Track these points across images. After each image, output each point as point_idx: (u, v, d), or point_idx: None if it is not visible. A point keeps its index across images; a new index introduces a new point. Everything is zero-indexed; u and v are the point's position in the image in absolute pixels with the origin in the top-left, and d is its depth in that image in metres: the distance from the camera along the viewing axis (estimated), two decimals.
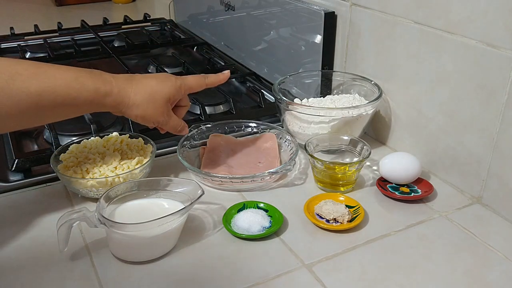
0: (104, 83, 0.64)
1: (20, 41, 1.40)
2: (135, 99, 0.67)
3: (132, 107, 0.67)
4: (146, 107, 0.68)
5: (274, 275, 0.60)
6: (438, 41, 0.73)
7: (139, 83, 0.67)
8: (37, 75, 0.59)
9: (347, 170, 0.74)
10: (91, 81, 0.63)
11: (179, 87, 0.71)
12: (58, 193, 0.76)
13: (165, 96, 0.69)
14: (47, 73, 0.60)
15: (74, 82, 0.61)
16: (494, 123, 0.68)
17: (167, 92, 0.69)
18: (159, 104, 0.69)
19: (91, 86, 0.63)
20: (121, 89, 0.65)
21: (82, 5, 1.96)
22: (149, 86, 0.68)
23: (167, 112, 0.70)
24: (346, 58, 0.93)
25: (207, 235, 0.67)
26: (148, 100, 0.67)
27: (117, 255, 0.62)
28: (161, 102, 0.69)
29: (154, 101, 0.68)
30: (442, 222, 0.69)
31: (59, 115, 0.64)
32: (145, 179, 0.70)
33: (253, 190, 0.76)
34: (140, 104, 0.67)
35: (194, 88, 0.73)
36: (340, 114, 0.80)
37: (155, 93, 0.68)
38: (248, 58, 1.21)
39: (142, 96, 0.67)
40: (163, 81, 0.69)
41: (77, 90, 0.61)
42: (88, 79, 0.63)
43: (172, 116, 0.72)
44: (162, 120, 0.71)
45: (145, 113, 0.68)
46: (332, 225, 0.67)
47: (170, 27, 1.55)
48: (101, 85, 0.64)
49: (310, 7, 0.94)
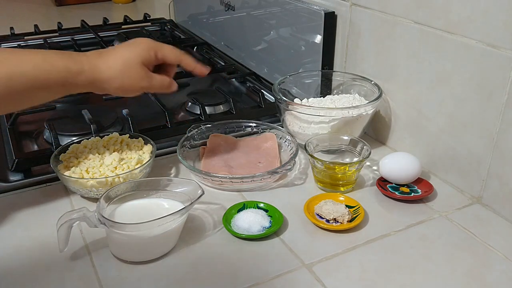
0: (74, 62, 0.63)
1: (20, 41, 1.40)
2: (109, 73, 0.65)
3: (108, 81, 0.65)
4: (122, 78, 0.66)
5: (274, 275, 0.60)
6: (438, 41, 0.73)
7: (110, 55, 0.66)
8: (6, 60, 0.59)
9: (347, 170, 0.74)
10: (61, 61, 0.62)
11: (151, 48, 0.68)
12: (58, 193, 0.76)
13: (138, 60, 0.67)
14: (15, 57, 0.60)
15: (43, 63, 0.61)
16: (494, 123, 0.68)
17: (138, 56, 0.67)
18: (135, 70, 0.66)
19: (61, 66, 0.62)
20: (92, 66, 0.64)
21: (82, 5, 1.96)
22: (120, 56, 0.66)
23: (145, 76, 0.68)
24: (346, 58, 0.93)
25: (207, 235, 0.67)
26: (122, 70, 0.66)
27: (117, 255, 0.62)
28: (136, 68, 0.66)
29: (129, 69, 0.66)
30: (442, 222, 0.69)
31: (34, 99, 0.63)
32: (145, 179, 0.70)
33: (253, 190, 0.76)
34: (115, 76, 0.65)
35: (168, 55, 0.70)
36: (340, 114, 0.80)
37: (128, 61, 0.66)
38: (248, 58, 1.21)
39: (115, 67, 0.65)
40: (134, 47, 0.68)
41: (47, 71, 0.61)
42: (57, 60, 0.62)
43: (153, 77, 0.69)
44: (144, 85, 0.69)
45: (123, 84, 0.67)
46: (332, 225, 0.67)
47: (170, 27, 1.55)
48: (72, 64, 0.62)
49: (310, 7, 0.94)
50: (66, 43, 1.39)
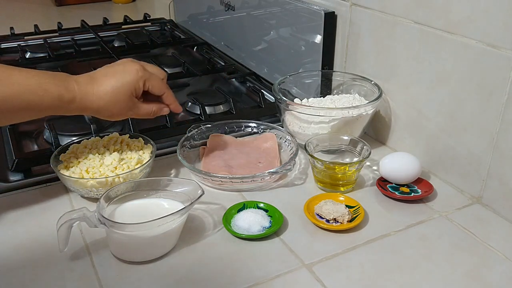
0: (67, 90, 0.65)
1: (20, 41, 1.40)
2: (99, 103, 0.68)
3: (98, 110, 0.68)
4: (111, 108, 0.69)
5: (274, 275, 0.60)
6: (438, 41, 0.73)
7: (100, 85, 0.68)
8: (1, 81, 0.61)
9: (347, 170, 0.74)
10: (54, 88, 0.64)
11: (140, 78, 0.70)
12: (58, 193, 0.76)
13: (127, 92, 0.69)
14: (10, 79, 0.62)
15: (38, 88, 0.63)
16: (494, 123, 0.68)
17: (127, 87, 0.69)
18: (123, 101, 0.69)
19: (55, 93, 0.64)
20: (83, 94, 0.66)
21: (82, 5, 1.96)
22: (110, 86, 0.68)
23: (134, 106, 0.71)
24: (346, 58, 0.93)
25: (207, 235, 0.67)
26: (111, 101, 0.68)
27: (117, 255, 0.62)
28: (124, 99, 0.69)
29: (117, 100, 0.68)
30: (442, 222, 0.69)
31: (24, 117, 0.66)
32: (145, 179, 0.70)
33: (253, 190, 0.76)
34: (105, 106, 0.68)
35: (154, 87, 0.72)
36: (340, 114, 0.80)
37: (117, 92, 0.68)
38: (248, 58, 1.21)
39: (105, 98, 0.68)
40: (123, 75, 0.69)
41: (41, 96, 0.63)
42: (51, 85, 0.64)
43: (140, 106, 0.72)
44: (131, 113, 0.72)
45: (111, 113, 0.70)
46: (332, 225, 0.67)
47: (170, 27, 1.55)
48: (64, 92, 0.65)
49: (310, 7, 0.94)
50: (66, 43, 1.39)
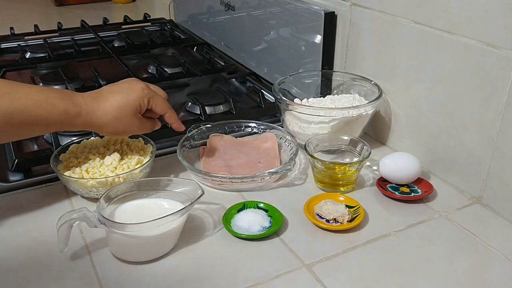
0: (73, 105, 0.66)
1: (20, 41, 1.40)
2: (104, 119, 0.68)
3: (103, 126, 0.69)
4: (116, 124, 0.70)
5: (274, 275, 0.60)
6: (438, 41, 0.73)
7: (106, 101, 0.69)
8: (9, 95, 0.61)
9: (347, 170, 0.74)
10: (61, 102, 0.65)
11: (145, 96, 0.72)
12: (58, 193, 0.76)
13: (132, 109, 0.70)
14: (19, 93, 0.62)
15: (45, 103, 0.64)
16: (494, 123, 0.68)
17: (133, 104, 0.70)
18: (129, 119, 0.70)
19: (61, 107, 0.65)
20: (89, 110, 0.67)
21: (82, 5, 1.96)
22: (116, 102, 0.69)
23: (138, 123, 0.72)
24: (346, 58, 0.93)
25: (207, 235, 0.67)
26: (117, 117, 0.69)
27: (117, 255, 0.62)
28: (129, 116, 0.70)
29: (122, 117, 0.70)
30: (442, 222, 0.69)
31: (30, 132, 0.67)
32: (145, 179, 0.70)
33: (253, 190, 0.76)
34: (109, 123, 0.69)
35: (157, 106, 0.73)
36: (340, 114, 0.80)
37: (123, 110, 0.69)
38: (248, 58, 1.21)
39: (111, 114, 0.69)
40: (129, 94, 0.70)
41: (48, 110, 0.64)
42: (58, 100, 0.65)
43: (144, 124, 0.74)
44: (135, 130, 0.73)
45: (115, 130, 0.71)
46: (332, 225, 0.67)
47: (170, 27, 1.55)
48: (70, 107, 0.66)
49: (310, 7, 0.94)
50: (66, 43, 1.39)
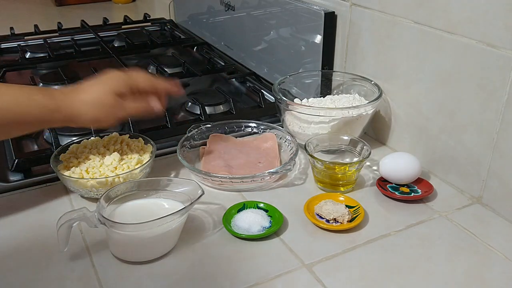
0: (51, 98, 0.65)
1: (20, 41, 1.40)
2: (83, 107, 0.67)
3: (82, 114, 0.67)
4: (95, 109, 0.68)
5: (274, 275, 0.60)
6: (438, 41, 0.73)
7: (85, 93, 0.68)
8: None
9: (347, 170, 0.74)
10: (40, 97, 0.65)
11: (123, 78, 0.70)
12: (58, 193, 0.76)
13: (110, 91, 0.68)
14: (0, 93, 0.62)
15: (26, 99, 0.63)
16: (494, 123, 0.68)
17: (109, 87, 0.69)
18: (107, 100, 0.68)
19: (40, 102, 0.64)
20: (69, 103, 0.66)
21: (82, 5, 1.96)
22: (94, 91, 0.68)
23: (117, 104, 0.69)
24: (346, 58, 0.93)
25: (207, 235, 0.67)
26: (94, 102, 0.68)
27: (117, 255, 0.62)
28: (107, 98, 0.68)
29: (101, 100, 0.68)
30: (442, 222, 0.69)
31: (13, 132, 0.67)
32: (145, 179, 0.70)
33: (253, 190, 0.76)
34: (88, 109, 0.67)
35: (140, 82, 0.71)
36: (340, 114, 0.80)
37: (100, 93, 0.68)
38: (248, 58, 1.21)
39: (88, 101, 0.67)
40: (105, 80, 0.70)
41: (27, 106, 0.63)
42: (38, 96, 0.65)
43: (126, 104, 0.70)
44: (118, 113, 0.70)
45: (97, 115, 0.68)
46: (332, 225, 0.67)
47: (170, 27, 1.55)
48: (49, 100, 0.65)
49: (310, 7, 0.94)
50: (66, 43, 1.39)
